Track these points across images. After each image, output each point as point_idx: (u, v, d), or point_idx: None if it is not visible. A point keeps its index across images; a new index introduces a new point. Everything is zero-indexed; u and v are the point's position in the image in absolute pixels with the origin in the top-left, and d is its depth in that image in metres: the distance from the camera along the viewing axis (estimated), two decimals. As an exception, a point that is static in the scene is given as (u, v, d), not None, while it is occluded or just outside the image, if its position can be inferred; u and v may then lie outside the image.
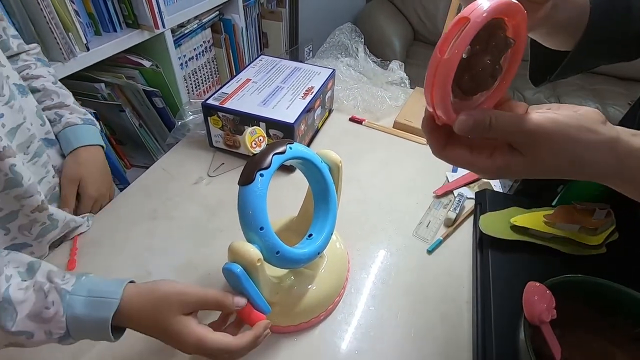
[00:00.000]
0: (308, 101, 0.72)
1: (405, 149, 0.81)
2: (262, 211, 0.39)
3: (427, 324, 0.52)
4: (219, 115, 0.71)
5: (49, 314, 0.36)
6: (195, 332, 0.36)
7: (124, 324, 0.38)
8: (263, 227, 0.39)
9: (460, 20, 0.25)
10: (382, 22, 1.98)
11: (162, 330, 0.37)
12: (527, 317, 0.39)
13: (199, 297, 0.38)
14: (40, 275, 0.38)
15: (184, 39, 1.29)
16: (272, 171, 0.40)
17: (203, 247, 0.60)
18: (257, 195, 0.39)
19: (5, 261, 0.38)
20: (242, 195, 0.39)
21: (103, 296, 0.37)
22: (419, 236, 0.63)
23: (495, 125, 0.26)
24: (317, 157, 0.46)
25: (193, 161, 0.76)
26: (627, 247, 0.53)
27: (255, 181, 0.39)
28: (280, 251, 0.40)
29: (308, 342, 0.49)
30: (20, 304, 0.36)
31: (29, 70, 0.60)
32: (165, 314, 0.37)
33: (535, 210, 0.58)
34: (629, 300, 0.41)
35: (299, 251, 0.43)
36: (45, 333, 0.37)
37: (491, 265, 0.53)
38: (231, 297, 0.39)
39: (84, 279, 0.39)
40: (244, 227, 0.40)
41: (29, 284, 0.37)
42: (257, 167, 0.39)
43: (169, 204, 0.66)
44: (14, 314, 0.35)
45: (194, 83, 1.43)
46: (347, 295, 0.55)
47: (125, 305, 0.37)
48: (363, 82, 0.98)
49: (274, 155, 0.40)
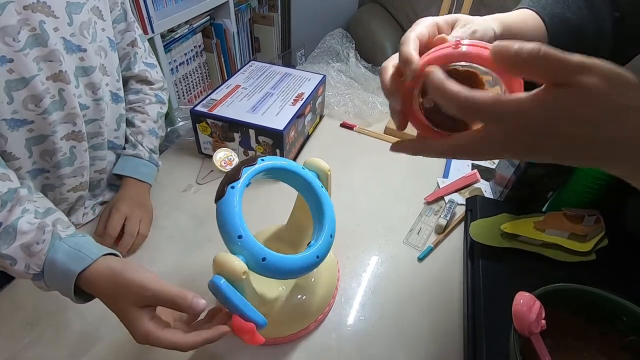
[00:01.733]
0: (298, 107, 0.72)
1: (396, 155, 0.80)
2: (236, 220, 0.39)
3: (417, 332, 0.51)
4: (208, 122, 0.70)
5: (36, 248, 0.41)
6: (144, 327, 0.38)
7: (89, 289, 0.41)
8: (241, 234, 0.39)
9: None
10: (375, 27, 1.99)
11: (117, 312, 0.40)
12: (516, 329, 0.38)
13: (155, 293, 0.38)
14: (50, 219, 0.44)
15: (175, 43, 1.28)
16: (244, 183, 0.41)
17: (191, 257, 0.59)
18: (230, 206, 0.39)
19: (32, 199, 0.45)
20: (217, 211, 0.40)
21: (82, 252, 0.41)
22: (409, 243, 0.63)
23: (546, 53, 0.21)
24: (296, 165, 0.46)
25: (182, 168, 0.75)
26: (616, 253, 0.53)
27: (226, 194, 0.40)
28: (267, 258, 0.39)
29: (297, 354, 0.49)
30: (22, 234, 0.41)
31: (142, 104, 0.68)
32: (121, 301, 0.39)
33: (525, 216, 0.58)
34: (619, 309, 0.41)
35: (288, 256, 0.42)
36: (25, 266, 0.41)
37: (482, 273, 0.53)
38: (190, 298, 0.39)
39: (80, 236, 0.44)
40: (226, 241, 0.40)
41: (37, 222, 0.43)
42: (228, 181, 0.41)
43: (157, 213, 0.65)
44: (12, 241, 0.41)
45: (185, 88, 1.42)
46: (337, 304, 0.54)
47: (93, 271, 0.40)
48: (354, 87, 0.98)
49: (243, 167, 0.42)
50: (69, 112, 0.51)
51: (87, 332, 0.49)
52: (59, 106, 0.50)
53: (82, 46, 0.51)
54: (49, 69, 0.47)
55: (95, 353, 0.47)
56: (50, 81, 0.48)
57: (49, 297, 0.52)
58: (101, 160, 0.62)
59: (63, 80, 0.49)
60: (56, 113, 0.50)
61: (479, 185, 0.73)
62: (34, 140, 0.50)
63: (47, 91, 0.48)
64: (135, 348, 0.48)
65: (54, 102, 0.49)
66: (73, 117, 0.52)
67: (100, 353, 0.47)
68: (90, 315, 0.51)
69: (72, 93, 0.50)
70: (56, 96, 0.49)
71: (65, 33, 0.49)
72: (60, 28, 0.48)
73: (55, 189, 0.56)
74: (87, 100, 0.55)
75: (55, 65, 0.48)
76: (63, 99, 0.50)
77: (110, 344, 0.48)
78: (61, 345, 0.48)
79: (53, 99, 0.49)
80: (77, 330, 0.49)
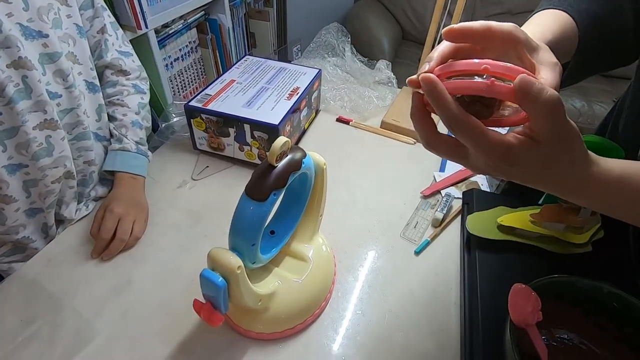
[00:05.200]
0: (293, 102, 0.71)
1: (392, 149, 0.81)
2: (259, 230, 0.39)
3: (415, 326, 0.51)
4: (202, 117, 0.70)
5: None
6: None
7: None
8: (255, 243, 0.39)
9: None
10: (371, 21, 1.98)
11: None
12: (513, 320, 0.38)
13: None
14: None
15: (169, 39, 1.27)
16: (283, 191, 0.40)
17: (187, 254, 0.59)
18: (264, 214, 0.38)
19: None
20: (247, 208, 0.38)
21: None
22: (406, 237, 0.63)
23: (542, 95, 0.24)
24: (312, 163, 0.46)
25: (177, 164, 0.74)
26: (612, 245, 0.53)
27: (268, 201, 0.38)
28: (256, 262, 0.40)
29: (294, 349, 0.48)
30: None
31: (120, 96, 0.67)
32: None
33: (522, 209, 0.57)
34: (616, 300, 0.41)
35: None
36: None
37: (478, 266, 0.53)
38: None
39: None
40: (236, 238, 0.39)
41: None
42: (274, 187, 0.38)
43: (152, 210, 0.64)
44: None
45: (180, 84, 1.41)
46: (334, 299, 0.54)
47: None
48: (350, 82, 0.97)
49: (291, 174, 0.40)
50: (37, 100, 0.50)
51: (82, 329, 0.49)
52: (25, 94, 0.49)
53: (43, 32, 0.50)
54: (7, 56, 0.47)
55: (89, 350, 0.47)
56: (11, 69, 0.47)
57: (43, 295, 0.52)
58: (88, 151, 0.62)
59: (24, 66, 0.48)
60: (23, 102, 0.49)
61: (476, 179, 0.72)
62: (6, 134, 0.49)
63: (9, 79, 0.47)
64: (130, 345, 0.48)
65: (18, 91, 0.48)
66: (42, 105, 0.51)
67: (94, 350, 0.47)
68: (85, 313, 0.50)
69: (37, 79, 0.49)
70: (20, 84, 0.49)
71: (22, 18, 0.48)
72: (15, 13, 0.47)
73: (38, 182, 0.55)
74: (58, 88, 0.54)
75: (13, 52, 0.47)
76: (28, 87, 0.49)
77: (105, 341, 0.48)
78: (56, 343, 0.47)
79: (17, 87, 0.48)
80: (71, 328, 0.49)
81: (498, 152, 0.26)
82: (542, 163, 0.27)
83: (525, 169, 0.27)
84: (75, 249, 0.58)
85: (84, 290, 0.53)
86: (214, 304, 0.40)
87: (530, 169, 0.27)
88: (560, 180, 0.29)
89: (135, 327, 0.49)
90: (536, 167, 0.27)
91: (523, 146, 0.26)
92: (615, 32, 0.42)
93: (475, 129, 0.26)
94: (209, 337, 0.48)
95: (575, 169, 0.28)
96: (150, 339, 0.48)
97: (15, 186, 0.53)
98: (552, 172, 0.28)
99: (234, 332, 0.49)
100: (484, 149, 0.26)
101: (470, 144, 0.27)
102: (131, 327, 0.49)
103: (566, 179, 0.29)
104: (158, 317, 0.50)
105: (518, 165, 0.27)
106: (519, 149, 0.26)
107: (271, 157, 0.38)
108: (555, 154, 0.26)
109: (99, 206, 0.62)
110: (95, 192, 0.66)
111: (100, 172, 0.66)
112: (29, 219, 0.57)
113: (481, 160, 0.28)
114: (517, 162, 0.27)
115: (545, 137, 0.26)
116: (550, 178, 0.28)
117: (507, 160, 0.26)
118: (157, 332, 0.49)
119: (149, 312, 0.51)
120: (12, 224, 0.55)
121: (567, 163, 0.27)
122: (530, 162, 0.27)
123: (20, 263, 0.58)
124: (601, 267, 0.49)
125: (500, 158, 0.26)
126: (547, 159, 0.27)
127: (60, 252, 0.58)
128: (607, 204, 0.31)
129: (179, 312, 0.50)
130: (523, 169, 0.27)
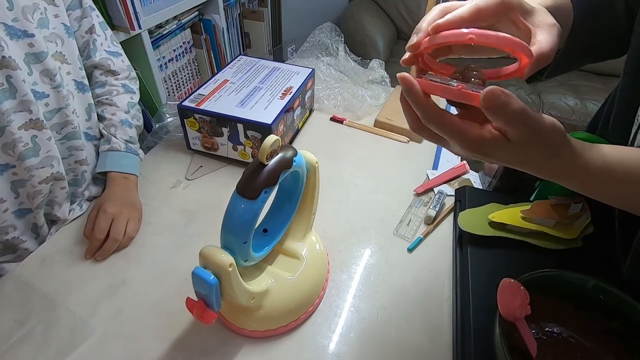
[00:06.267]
0: (287, 101, 0.72)
1: (386, 148, 0.81)
2: (251, 228, 0.39)
3: (408, 323, 0.52)
4: (196, 117, 0.70)
5: None
6: None
7: None
8: (247, 241, 0.39)
9: None
10: (365, 21, 1.98)
11: None
12: (502, 314, 0.39)
13: None
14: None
15: (163, 39, 1.27)
16: (275, 188, 0.40)
17: (181, 253, 0.59)
18: (255, 212, 0.39)
19: None
20: (239, 206, 0.38)
21: None
22: (399, 235, 0.63)
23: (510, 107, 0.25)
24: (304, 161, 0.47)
25: (171, 164, 0.74)
26: (602, 240, 0.54)
27: (259, 199, 0.38)
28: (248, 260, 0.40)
29: (287, 347, 0.49)
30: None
31: (109, 96, 0.67)
32: None
33: (513, 205, 0.58)
34: (604, 294, 0.41)
35: None
36: None
37: (470, 262, 0.53)
38: None
39: None
40: (228, 235, 0.39)
41: None
42: (265, 184, 0.38)
43: (145, 209, 0.65)
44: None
45: (175, 84, 1.41)
46: (328, 297, 0.54)
47: None
48: (344, 81, 0.97)
49: (282, 172, 0.40)
50: (22, 100, 0.50)
51: (76, 328, 0.49)
52: (9, 94, 0.49)
53: (28, 31, 0.50)
54: None
55: (84, 349, 0.47)
56: None
57: (37, 295, 0.52)
58: (78, 151, 0.62)
59: (8, 66, 0.48)
60: (8, 102, 0.49)
61: (468, 176, 0.73)
62: None
63: None
64: (125, 343, 0.48)
65: (3, 90, 0.49)
66: (27, 105, 0.51)
67: (89, 349, 0.47)
68: (79, 312, 0.50)
69: (21, 79, 0.49)
70: (4, 84, 0.49)
71: (6, 18, 0.48)
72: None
73: (26, 182, 0.55)
74: (45, 87, 0.54)
75: None
76: (12, 87, 0.49)
77: (99, 340, 0.48)
78: (50, 342, 0.47)
79: (1, 87, 0.48)
80: (65, 327, 0.49)
81: (473, 146, 0.27)
82: (517, 158, 0.28)
83: (500, 160, 0.29)
84: (69, 249, 0.58)
85: (78, 290, 0.53)
86: (206, 301, 0.40)
87: (505, 161, 0.29)
88: (539, 171, 0.30)
89: (130, 325, 0.50)
90: (511, 161, 0.29)
91: (496, 142, 0.27)
92: (607, 19, 0.42)
93: (450, 126, 0.27)
94: (204, 335, 0.49)
95: (558, 160, 0.29)
96: (145, 337, 0.48)
97: (3, 187, 0.53)
98: (529, 165, 0.29)
99: (228, 330, 0.49)
100: (459, 143, 0.28)
101: (446, 137, 0.28)
102: (125, 325, 0.50)
103: (546, 169, 0.30)
104: (152, 316, 0.51)
105: (493, 157, 0.28)
106: (492, 144, 0.27)
107: (262, 155, 0.38)
108: (528, 151, 0.28)
109: (93, 205, 0.62)
110: (89, 192, 0.66)
111: (93, 173, 0.66)
112: (19, 219, 0.57)
113: (459, 149, 0.29)
114: (491, 154, 0.28)
115: (515, 140, 0.27)
116: (527, 168, 0.30)
117: (481, 152, 0.28)
118: (152, 331, 0.49)
119: (143, 311, 0.51)
120: (2, 225, 0.55)
121: (543, 157, 0.28)
122: (503, 156, 0.28)
123: (12, 263, 0.58)
124: (591, 262, 0.50)
125: (475, 150, 0.28)
126: (520, 155, 0.28)
127: (54, 252, 0.58)
128: (595, 190, 0.32)
129: (174, 310, 0.50)
130: (498, 160, 0.29)
